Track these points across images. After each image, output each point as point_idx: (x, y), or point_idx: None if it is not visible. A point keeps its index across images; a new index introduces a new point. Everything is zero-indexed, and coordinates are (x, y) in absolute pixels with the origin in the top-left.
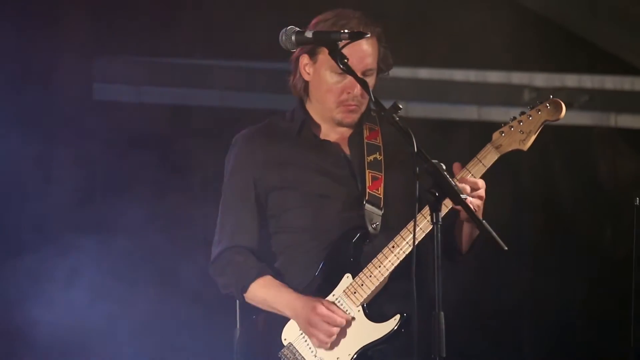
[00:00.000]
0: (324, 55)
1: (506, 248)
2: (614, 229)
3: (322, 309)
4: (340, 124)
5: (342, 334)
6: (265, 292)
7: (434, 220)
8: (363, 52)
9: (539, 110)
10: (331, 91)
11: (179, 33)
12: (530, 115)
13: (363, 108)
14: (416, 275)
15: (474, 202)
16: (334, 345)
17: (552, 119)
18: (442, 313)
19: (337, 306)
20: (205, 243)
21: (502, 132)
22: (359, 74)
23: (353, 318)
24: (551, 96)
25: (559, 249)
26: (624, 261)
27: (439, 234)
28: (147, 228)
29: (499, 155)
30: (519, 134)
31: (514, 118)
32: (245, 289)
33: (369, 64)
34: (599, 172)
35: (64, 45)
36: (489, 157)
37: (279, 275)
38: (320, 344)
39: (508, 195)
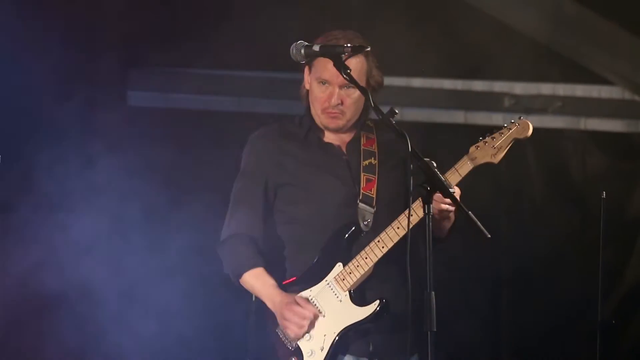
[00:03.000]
0: (315, 67)
1: (489, 236)
2: (582, 219)
3: (294, 306)
4: (327, 128)
5: (330, 314)
6: (254, 282)
7: (426, 212)
8: (348, 64)
9: (510, 129)
10: (317, 100)
11: (202, 47)
12: (502, 133)
13: (348, 116)
14: (402, 261)
15: (449, 207)
16: (322, 323)
17: (521, 137)
18: (432, 292)
19: (309, 302)
20: None
21: (478, 146)
22: (338, 85)
23: (340, 301)
24: (521, 117)
25: (534, 237)
26: (592, 247)
27: (430, 223)
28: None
29: (473, 166)
30: (491, 149)
31: (488, 134)
32: (239, 275)
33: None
34: (570, 169)
35: (103, 58)
36: (464, 167)
37: (287, 261)
38: (294, 336)
39: (487, 188)
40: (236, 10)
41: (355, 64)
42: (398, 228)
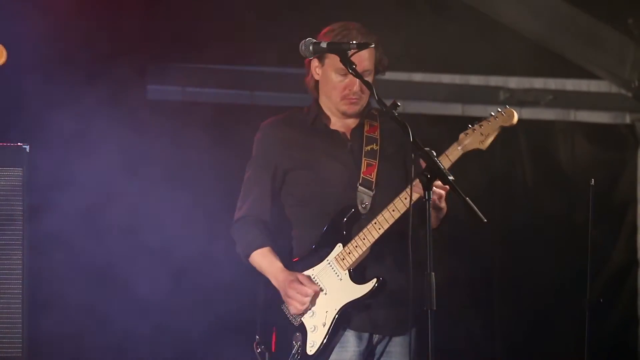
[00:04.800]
0: (329, 59)
1: (485, 220)
2: (572, 205)
3: (296, 284)
4: (345, 114)
5: (331, 292)
6: (261, 261)
7: (425, 198)
8: (361, 56)
9: (497, 117)
10: (336, 88)
11: (216, 44)
12: (489, 121)
13: (363, 101)
14: (399, 242)
15: (438, 192)
16: (324, 301)
17: (507, 124)
18: (432, 273)
19: (311, 280)
20: None
21: (467, 133)
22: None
23: (340, 280)
24: (507, 106)
25: (526, 221)
26: (580, 230)
27: (430, 208)
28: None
29: (462, 152)
30: (480, 135)
31: (477, 122)
32: (248, 255)
33: (366, 66)
34: (560, 158)
35: (124, 55)
36: (454, 153)
37: (293, 240)
38: (295, 311)
39: (484, 176)
40: (249, 9)
41: (365, 53)
42: (393, 211)
